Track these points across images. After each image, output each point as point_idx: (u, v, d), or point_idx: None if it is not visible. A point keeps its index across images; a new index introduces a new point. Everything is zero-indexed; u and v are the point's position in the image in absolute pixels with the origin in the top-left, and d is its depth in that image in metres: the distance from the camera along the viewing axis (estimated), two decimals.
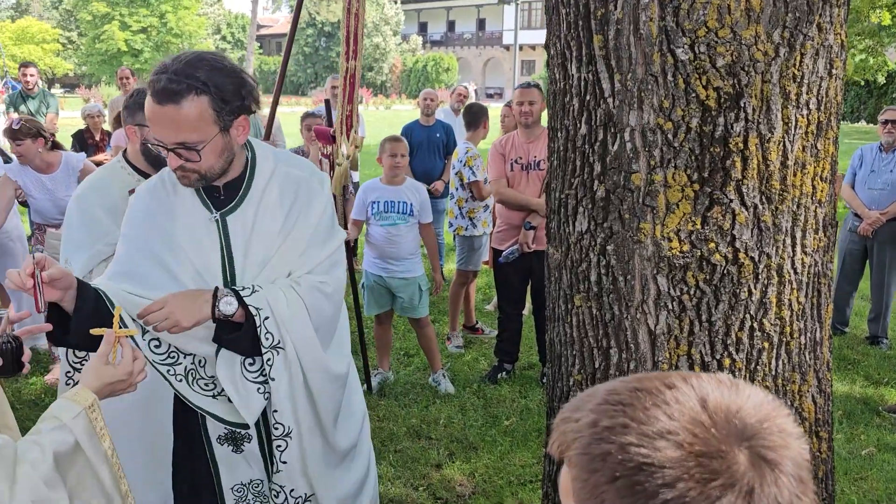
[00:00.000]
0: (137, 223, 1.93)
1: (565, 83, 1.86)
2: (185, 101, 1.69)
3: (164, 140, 1.74)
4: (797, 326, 1.81)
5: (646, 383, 0.72)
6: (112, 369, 1.55)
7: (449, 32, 53.03)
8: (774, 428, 0.69)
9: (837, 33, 1.74)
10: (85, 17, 39.06)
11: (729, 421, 0.68)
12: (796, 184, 1.73)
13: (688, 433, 0.66)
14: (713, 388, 0.71)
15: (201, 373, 1.92)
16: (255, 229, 1.91)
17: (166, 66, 1.71)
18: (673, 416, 0.68)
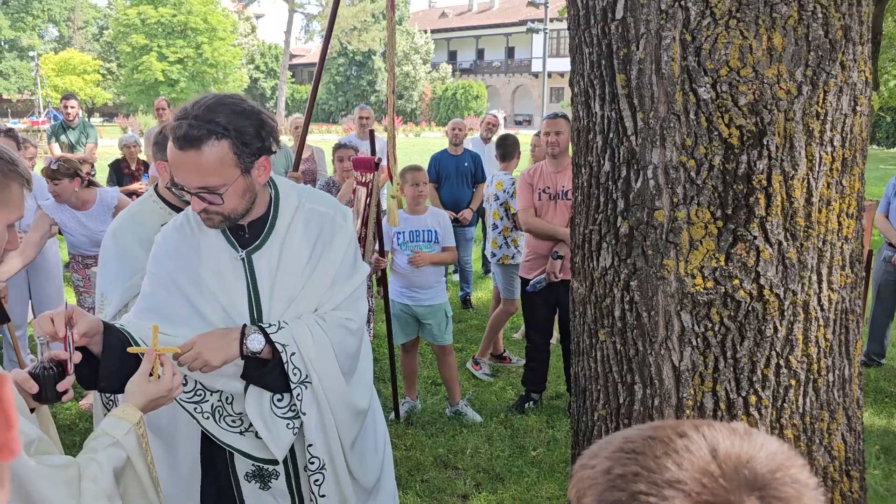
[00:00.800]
0: (163, 261, 1.97)
1: (589, 121, 1.89)
2: (206, 147, 1.72)
3: (187, 184, 1.77)
4: (825, 363, 1.79)
5: (659, 432, 0.73)
6: (155, 386, 1.63)
7: (478, 60, 53.53)
8: (787, 478, 0.69)
9: (861, 70, 1.74)
10: (124, 49, 40.22)
11: (738, 471, 0.68)
12: (821, 220, 1.72)
13: (696, 482, 0.67)
14: (725, 437, 0.72)
15: (228, 409, 1.95)
16: (280, 267, 1.94)
17: (186, 112, 1.74)
18: (682, 465, 0.69)
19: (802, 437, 1.79)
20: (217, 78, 41.16)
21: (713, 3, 1.62)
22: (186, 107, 1.76)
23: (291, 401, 1.92)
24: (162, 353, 1.68)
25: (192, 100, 1.79)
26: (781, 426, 1.77)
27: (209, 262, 1.92)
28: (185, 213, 2.02)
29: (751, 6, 1.61)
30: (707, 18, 1.63)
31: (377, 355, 5.59)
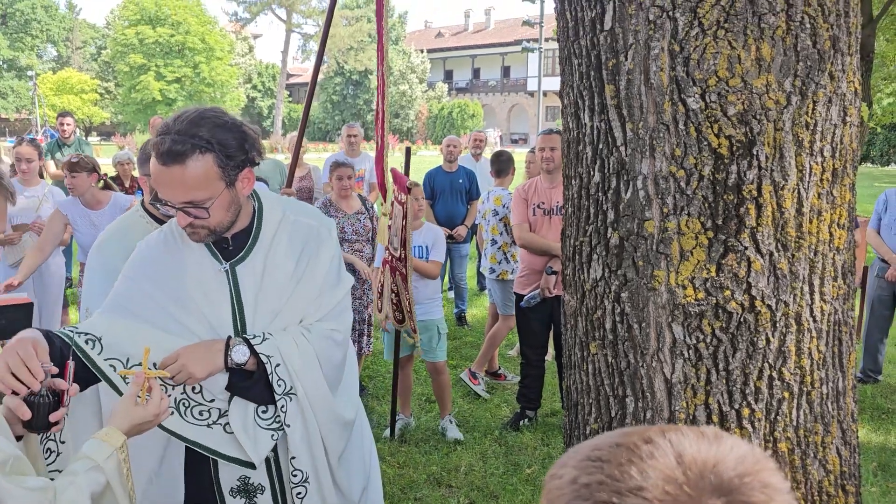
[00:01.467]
0: (140, 267, 1.94)
1: (578, 132, 1.88)
2: (191, 161, 1.70)
3: (172, 199, 1.75)
4: (818, 376, 1.77)
5: (626, 438, 0.71)
6: (141, 410, 1.59)
7: (474, 79, 53.85)
8: (756, 483, 0.67)
9: (850, 81, 1.74)
10: (122, 68, 40.41)
11: (704, 476, 0.66)
12: (812, 231, 1.71)
13: (659, 490, 0.65)
14: (692, 442, 0.70)
15: (195, 399, 1.89)
16: (264, 278, 1.92)
17: (169, 127, 1.72)
18: (645, 472, 0.67)
19: (796, 451, 1.76)
20: (214, 97, 41.33)
21: (701, 14, 1.62)
22: (168, 122, 1.75)
23: (276, 412, 1.90)
24: (151, 376, 1.64)
25: (174, 115, 1.78)
26: (775, 439, 1.74)
27: (193, 275, 1.90)
28: (170, 225, 1.99)
29: (738, 16, 1.61)
30: (695, 29, 1.63)
31: (371, 371, 5.55)
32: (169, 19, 39.72)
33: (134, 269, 1.96)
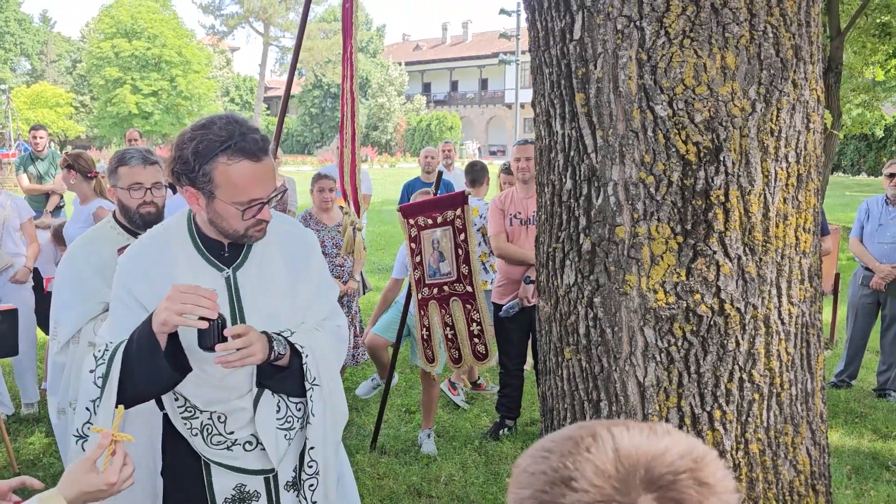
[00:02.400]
0: (134, 284, 1.89)
1: (550, 139, 1.91)
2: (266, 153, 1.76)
3: (263, 194, 1.75)
4: (787, 377, 1.80)
5: (577, 431, 0.73)
6: (96, 477, 1.42)
7: (452, 92, 54.09)
8: (692, 481, 0.68)
9: (813, 88, 1.79)
10: (98, 82, 40.07)
11: (635, 470, 0.68)
12: (779, 235, 1.75)
13: (587, 482, 0.67)
14: (634, 436, 0.71)
15: (218, 429, 1.90)
16: (262, 283, 1.92)
17: (241, 124, 1.73)
18: (580, 464, 0.68)
19: (767, 452, 1.79)
20: (191, 110, 41.10)
21: (667, 24, 1.66)
22: (232, 123, 1.73)
23: (287, 412, 1.92)
24: (119, 439, 1.47)
25: (220, 117, 1.76)
26: (746, 441, 1.77)
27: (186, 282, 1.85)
28: (153, 240, 1.94)
29: (704, 26, 1.65)
30: (662, 38, 1.67)
31: (350, 384, 5.53)
32: (145, 32, 39.50)
33: (125, 288, 1.89)
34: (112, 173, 2.60)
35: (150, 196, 2.58)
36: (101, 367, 1.75)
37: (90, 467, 1.43)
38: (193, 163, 1.70)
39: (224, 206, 1.75)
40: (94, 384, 1.75)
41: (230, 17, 45.74)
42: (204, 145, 1.70)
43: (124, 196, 2.57)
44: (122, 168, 2.58)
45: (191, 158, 1.70)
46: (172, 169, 1.76)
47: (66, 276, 2.46)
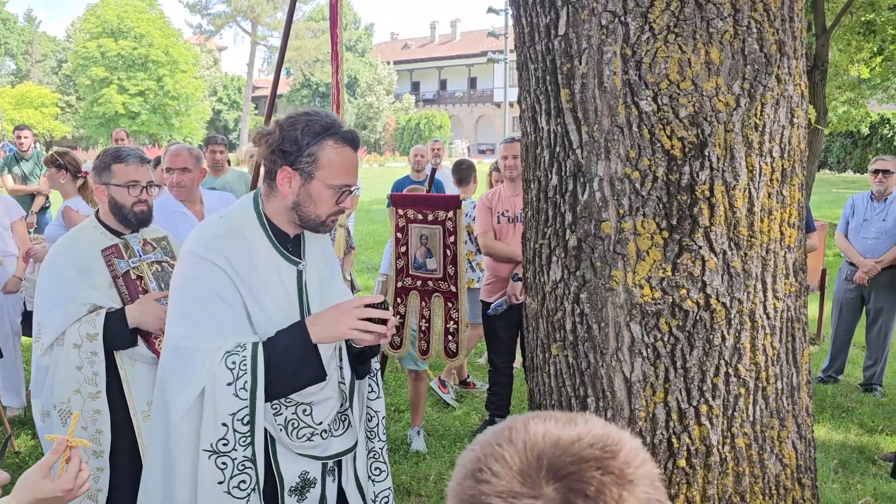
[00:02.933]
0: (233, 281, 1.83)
1: (536, 136, 1.91)
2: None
3: (353, 182, 1.86)
4: (773, 372, 1.81)
5: (502, 425, 0.74)
6: (50, 484, 1.40)
7: (441, 91, 54.07)
8: (597, 469, 0.67)
9: (797, 84, 1.79)
10: (84, 82, 39.77)
11: (539, 461, 0.67)
12: (764, 230, 1.75)
13: (491, 474, 0.68)
14: (549, 427, 0.71)
15: (304, 421, 1.94)
16: (318, 278, 1.99)
17: (334, 120, 1.84)
18: (489, 458, 0.69)
19: (754, 446, 1.80)
20: (179, 110, 40.86)
21: (651, 19, 1.66)
22: (326, 117, 1.83)
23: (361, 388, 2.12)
24: (74, 445, 1.45)
25: (317, 109, 1.87)
26: (733, 435, 1.77)
27: (272, 274, 1.88)
28: (226, 231, 1.88)
29: (688, 21, 1.66)
30: (646, 33, 1.67)
31: None
32: (131, 32, 39.23)
33: (221, 284, 1.82)
34: (104, 170, 2.57)
35: (145, 195, 2.58)
36: (242, 378, 1.72)
37: (45, 473, 1.41)
38: (301, 141, 1.78)
39: (319, 189, 1.81)
40: (236, 396, 1.72)
41: (217, 16, 45.51)
42: (313, 128, 1.79)
43: (119, 193, 2.55)
44: (118, 165, 2.56)
45: (300, 137, 1.78)
46: (275, 148, 1.80)
47: (50, 278, 2.43)
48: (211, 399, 1.73)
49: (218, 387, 1.72)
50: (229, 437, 1.73)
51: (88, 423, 2.44)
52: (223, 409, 1.72)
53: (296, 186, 1.81)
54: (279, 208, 1.87)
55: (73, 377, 2.41)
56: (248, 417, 1.73)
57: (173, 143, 4.82)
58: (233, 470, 1.75)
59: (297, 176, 1.80)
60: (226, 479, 1.74)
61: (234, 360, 1.73)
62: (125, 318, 2.44)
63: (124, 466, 2.51)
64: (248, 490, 1.76)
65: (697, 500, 1.76)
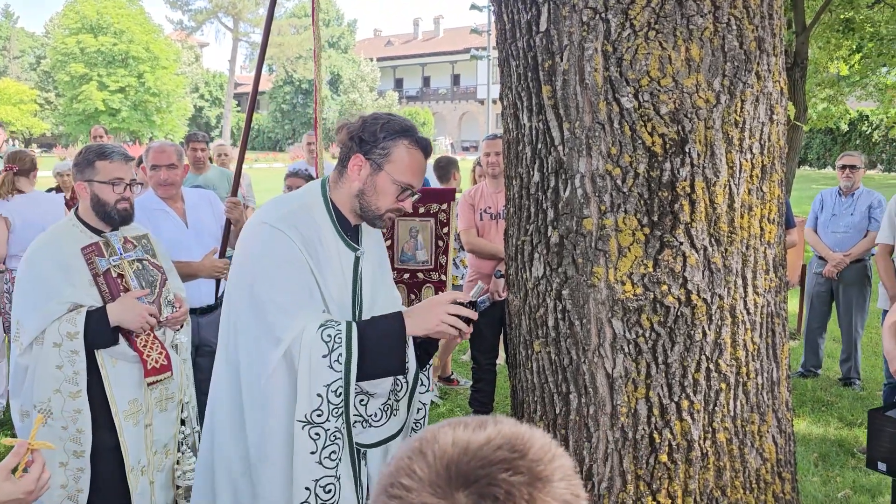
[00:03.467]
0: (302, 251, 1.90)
1: (518, 132, 1.91)
2: None
3: (418, 185, 1.94)
4: (753, 367, 1.82)
5: (417, 435, 0.73)
6: (12, 485, 1.39)
7: (424, 88, 53.98)
8: (506, 471, 0.66)
9: (776, 80, 1.80)
10: (63, 78, 39.29)
11: (448, 469, 0.67)
12: (744, 226, 1.76)
13: (402, 489, 0.67)
14: (456, 435, 0.70)
15: (360, 411, 2.00)
16: (372, 268, 2.06)
17: (413, 125, 1.94)
18: (399, 473, 0.68)
19: (734, 440, 1.81)
20: (160, 107, 40.49)
21: (632, 16, 1.66)
22: (407, 119, 1.94)
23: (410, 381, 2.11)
24: (36, 448, 1.44)
25: (398, 115, 1.96)
26: (714, 430, 1.79)
27: (332, 258, 1.95)
28: (299, 208, 1.95)
29: (668, 18, 1.66)
30: (627, 30, 1.67)
31: None
32: (111, 28, 38.80)
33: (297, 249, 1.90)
34: (88, 167, 2.54)
35: (129, 192, 2.57)
36: (337, 351, 1.78)
37: (5, 476, 1.40)
38: (379, 134, 1.88)
39: (385, 182, 1.89)
40: (331, 368, 1.77)
41: (198, 12, 45.13)
42: (392, 126, 1.89)
43: (103, 190, 2.53)
44: (102, 162, 2.54)
45: (378, 131, 1.88)
46: (354, 135, 1.90)
47: (28, 277, 2.40)
48: (306, 371, 1.78)
49: (314, 359, 1.77)
50: (323, 408, 1.79)
51: (69, 423, 2.42)
52: (318, 380, 1.78)
53: (364, 175, 1.90)
54: (345, 195, 1.95)
55: (54, 376, 2.39)
56: (342, 389, 1.79)
57: (155, 141, 4.78)
58: (325, 440, 1.80)
59: (367, 165, 1.89)
60: (318, 450, 1.80)
61: (329, 334, 1.79)
62: (106, 317, 2.41)
63: (106, 466, 2.49)
64: (337, 460, 1.82)
65: (679, 494, 1.77)
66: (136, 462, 2.53)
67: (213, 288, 3.61)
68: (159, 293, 2.62)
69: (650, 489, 1.77)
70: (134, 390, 2.52)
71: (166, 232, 3.34)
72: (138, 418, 2.54)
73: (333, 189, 1.98)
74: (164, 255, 2.77)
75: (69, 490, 2.46)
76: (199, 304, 3.52)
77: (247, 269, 1.89)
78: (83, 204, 2.57)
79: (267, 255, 1.87)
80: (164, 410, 2.64)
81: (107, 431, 2.47)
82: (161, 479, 2.66)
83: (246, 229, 1.98)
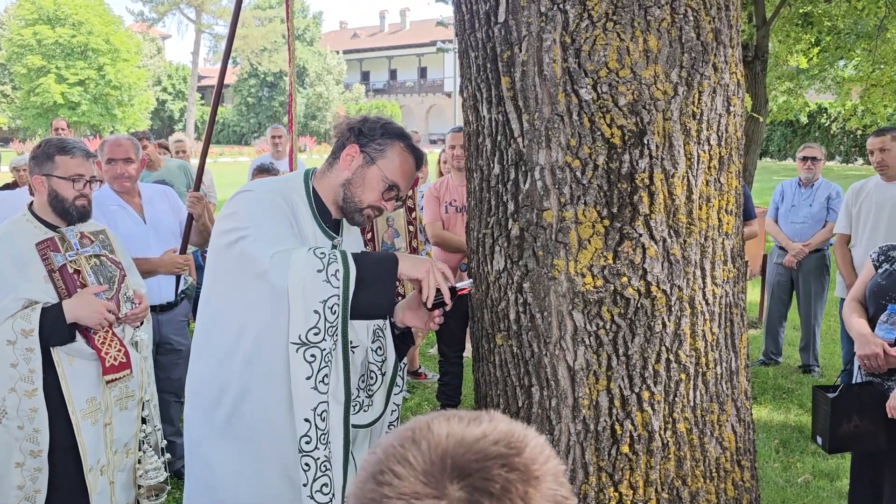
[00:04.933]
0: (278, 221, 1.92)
1: (478, 124, 1.89)
2: None
3: (404, 190, 2.00)
4: (712, 357, 1.84)
5: (405, 426, 0.73)
6: None
7: (391, 81, 53.72)
8: (502, 466, 0.67)
9: (733, 72, 1.81)
10: (19, 70, 38.25)
11: (443, 461, 0.67)
12: (702, 217, 1.77)
13: (393, 475, 0.67)
14: (451, 427, 0.71)
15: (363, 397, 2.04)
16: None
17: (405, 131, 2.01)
18: (391, 461, 0.68)
19: (694, 430, 1.82)
20: (122, 100, 39.66)
21: (590, 6, 1.66)
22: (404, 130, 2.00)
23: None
24: None
25: (389, 121, 2.01)
26: (674, 420, 1.80)
27: (310, 242, 1.94)
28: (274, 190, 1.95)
29: (626, 9, 1.66)
30: (585, 21, 1.66)
31: None
32: (69, 19, 37.85)
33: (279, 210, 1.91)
34: (47, 161, 2.47)
35: (88, 189, 2.51)
36: (333, 265, 1.73)
37: None
38: (378, 131, 1.94)
39: (374, 176, 1.93)
40: (328, 282, 1.72)
41: (160, 3, 44.26)
42: (392, 128, 1.97)
43: (62, 186, 2.46)
44: (63, 157, 2.48)
45: (378, 128, 1.94)
46: (353, 127, 1.95)
47: None
48: (299, 288, 1.71)
49: (309, 274, 1.71)
50: (321, 326, 1.73)
51: (25, 422, 2.36)
52: (314, 296, 1.72)
53: (355, 165, 1.94)
54: (331, 185, 1.98)
55: (8, 375, 2.33)
56: (338, 306, 1.73)
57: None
58: (321, 362, 1.75)
59: (360, 156, 1.94)
60: (314, 374, 1.75)
61: (322, 251, 1.76)
62: (62, 313, 2.36)
63: (66, 466, 2.44)
64: (330, 384, 1.79)
65: (640, 484, 1.78)
66: (94, 462, 2.48)
67: (174, 285, 3.54)
68: (118, 289, 2.57)
69: (612, 480, 1.77)
70: (92, 388, 2.47)
71: (123, 228, 3.26)
72: (97, 417, 2.49)
73: (319, 179, 2.01)
74: (123, 250, 2.71)
75: (26, 490, 2.40)
76: (160, 301, 3.45)
77: (230, 227, 1.84)
78: (39, 199, 2.50)
79: (251, 205, 1.87)
80: (123, 409, 2.58)
81: (65, 430, 2.42)
82: (122, 478, 2.60)
83: (226, 204, 1.95)
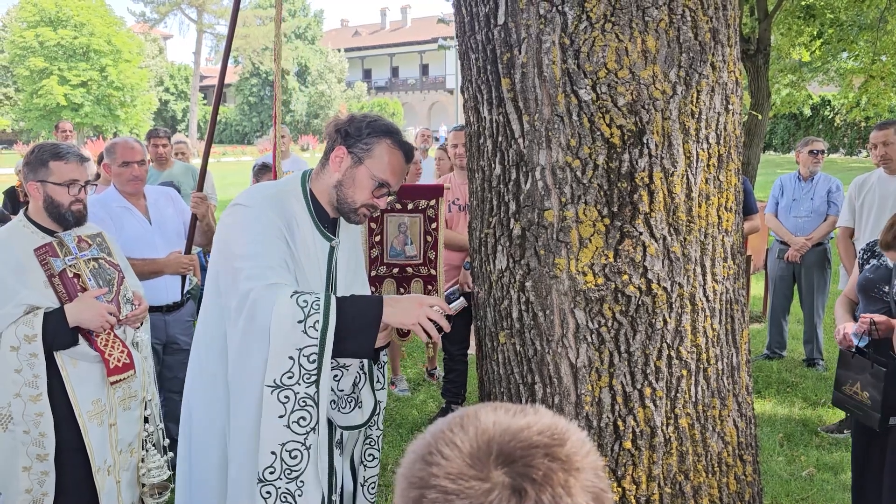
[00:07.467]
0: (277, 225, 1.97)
1: (479, 125, 1.91)
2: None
3: (395, 186, 2.00)
4: (713, 353, 1.86)
5: (454, 414, 0.77)
6: None
7: (393, 78, 53.72)
8: (544, 456, 0.70)
9: (731, 71, 1.83)
10: (22, 73, 38.35)
11: (489, 446, 0.71)
12: (702, 215, 1.79)
13: (441, 457, 0.71)
14: (499, 416, 0.74)
15: (332, 385, 2.05)
16: (347, 261, 2.13)
17: (400, 129, 2.01)
18: (440, 444, 0.72)
19: (696, 425, 1.84)
20: (124, 101, 39.74)
21: (588, 8, 1.67)
22: (394, 124, 2.00)
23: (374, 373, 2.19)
24: None
25: (387, 119, 2.02)
26: (676, 416, 1.82)
27: (308, 244, 2.00)
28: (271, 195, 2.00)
29: (624, 10, 1.67)
30: (584, 22, 1.68)
31: None
32: (71, 20, 37.91)
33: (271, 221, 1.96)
34: (41, 167, 2.49)
35: (83, 194, 2.54)
36: (313, 317, 1.77)
37: None
38: (364, 130, 1.95)
39: (363, 176, 1.95)
40: (306, 334, 1.77)
41: (161, 3, 44.30)
42: (378, 125, 1.97)
43: (58, 192, 2.48)
44: (57, 163, 2.49)
45: (364, 127, 1.95)
46: (340, 128, 1.98)
47: None
48: (279, 335, 1.77)
49: (287, 323, 1.76)
50: (294, 371, 1.78)
51: (31, 427, 2.38)
52: (291, 342, 1.77)
53: (344, 167, 1.97)
54: (325, 186, 2.01)
55: (13, 380, 2.35)
56: (316, 357, 1.78)
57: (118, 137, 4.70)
58: (294, 405, 1.80)
59: (348, 157, 1.96)
60: (286, 413, 1.79)
61: (305, 300, 1.79)
62: (64, 318, 2.38)
63: (73, 468, 2.46)
64: (308, 427, 1.82)
65: (643, 480, 1.80)
66: (102, 462, 2.51)
67: (179, 285, 3.57)
68: (118, 291, 2.59)
69: (615, 475, 1.80)
70: (96, 390, 2.49)
71: (130, 229, 3.29)
72: (102, 418, 2.51)
73: (314, 180, 2.04)
74: (119, 252, 2.73)
75: (34, 494, 2.43)
76: (166, 301, 3.48)
77: (228, 245, 1.92)
78: (34, 204, 2.52)
79: (245, 224, 1.91)
80: (127, 409, 2.61)
81: (71, 433, 2.44)
82: (126, 477, 2.63)
83: (224, 215, 2.00)
